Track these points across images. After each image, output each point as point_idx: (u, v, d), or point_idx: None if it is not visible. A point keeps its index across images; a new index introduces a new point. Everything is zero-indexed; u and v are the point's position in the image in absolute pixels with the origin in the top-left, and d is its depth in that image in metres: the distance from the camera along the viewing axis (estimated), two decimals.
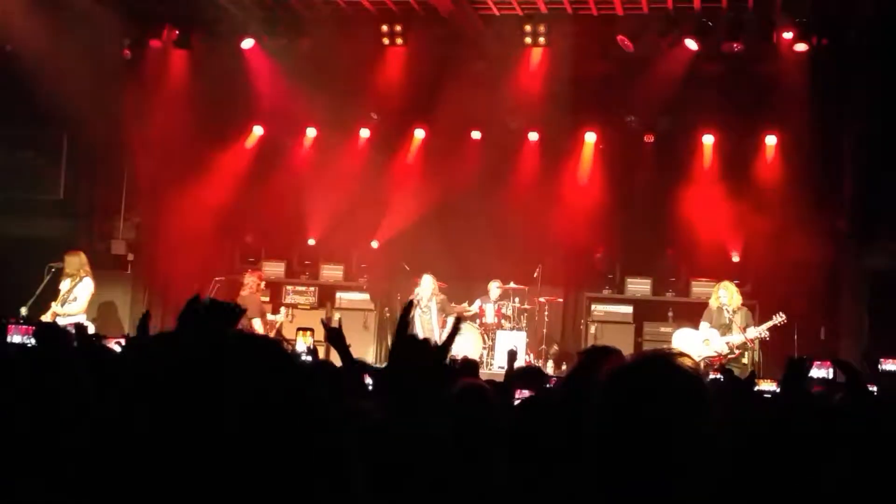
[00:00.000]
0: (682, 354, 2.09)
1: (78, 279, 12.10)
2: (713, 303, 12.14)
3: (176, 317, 2.85)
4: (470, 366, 7.50)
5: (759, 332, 11.74)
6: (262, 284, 13.86)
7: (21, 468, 2.40)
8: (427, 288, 13.31)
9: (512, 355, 5.92)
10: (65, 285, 12.11)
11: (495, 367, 12.71)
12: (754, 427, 3.41)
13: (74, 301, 12.02)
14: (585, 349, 4.49)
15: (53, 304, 12.02)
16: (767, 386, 7.30)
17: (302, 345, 9.55)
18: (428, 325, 13.20)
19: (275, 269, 15.20)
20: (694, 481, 1.92)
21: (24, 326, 6.11)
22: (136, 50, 14.34)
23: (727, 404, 4.15)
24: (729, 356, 11.80)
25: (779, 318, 11.72)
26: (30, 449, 2.45)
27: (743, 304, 12.13)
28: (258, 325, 12.89)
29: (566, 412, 3.03)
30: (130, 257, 14.48)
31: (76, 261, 12.19)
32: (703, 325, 12.07)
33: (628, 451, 1.94)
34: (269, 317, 13.67)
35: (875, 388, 6.90)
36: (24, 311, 11.64)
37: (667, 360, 2.04)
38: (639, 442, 1.93)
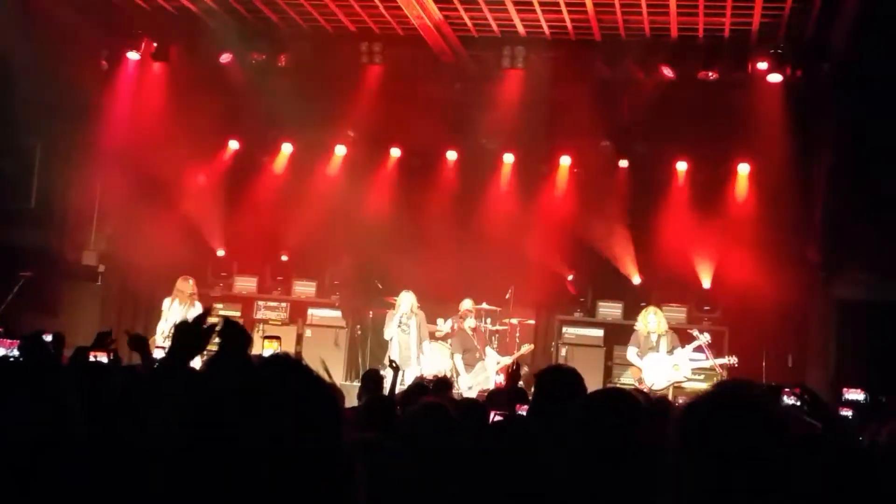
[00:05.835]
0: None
1: (190, 304, 12.01)
2: (641, 328, 12.37)
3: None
4: (442, 384, 7.50)
5: (687, 353, 12.06)
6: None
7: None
8: (407, 305, 12.86)
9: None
10: (176, 311, 12.01)
11: (463, 388, 12.66)
12: None
13: None
14: (543, 369, 4.48)
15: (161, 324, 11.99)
16: None
17: (269, 352, 9.50)
18: (406, 344, 12.78)
19: (247, 284, 15.16)
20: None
21: (9, 340, 6.00)
22: (113, 61, 14.32)
23: None
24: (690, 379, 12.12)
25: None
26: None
27: (670, 328, 12.50)
28: (458, 361, 12.74)
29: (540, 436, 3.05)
30: (101, 269, 14.37)
31: (188, 286, 12.22)
32: (632, 349, 12.39)
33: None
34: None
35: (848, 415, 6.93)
36: None
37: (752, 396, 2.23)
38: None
